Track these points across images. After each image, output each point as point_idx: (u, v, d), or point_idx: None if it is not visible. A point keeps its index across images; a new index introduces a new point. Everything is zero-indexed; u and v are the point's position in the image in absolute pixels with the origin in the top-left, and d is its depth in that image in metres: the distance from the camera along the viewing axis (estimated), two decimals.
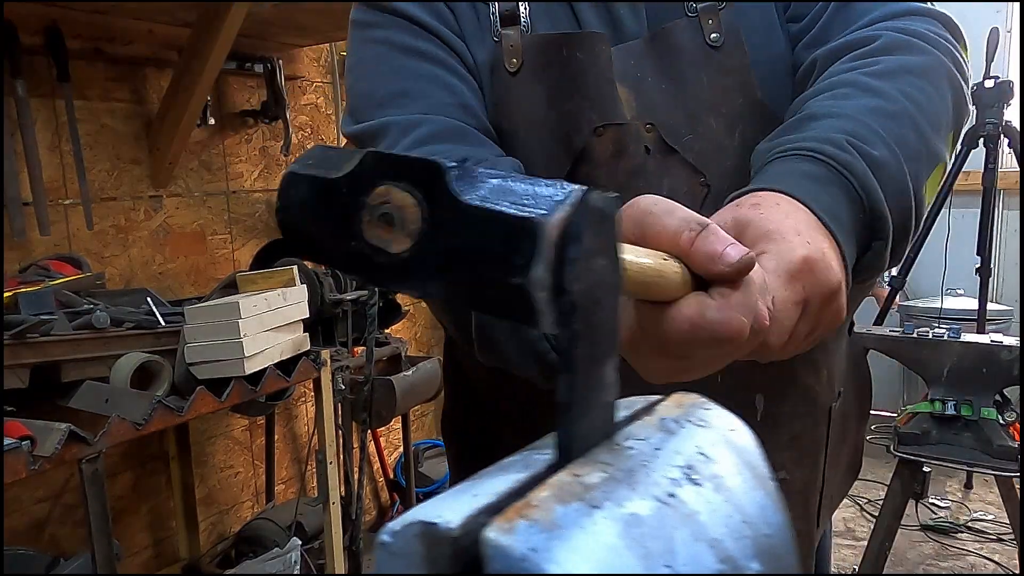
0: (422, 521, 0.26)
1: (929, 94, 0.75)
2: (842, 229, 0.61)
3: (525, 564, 0.24)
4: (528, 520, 0.25)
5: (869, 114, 0.70)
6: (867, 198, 0.65)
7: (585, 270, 0.28)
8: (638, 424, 0.32)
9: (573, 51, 0.85)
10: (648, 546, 0.26)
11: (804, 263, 0.55)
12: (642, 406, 0.35)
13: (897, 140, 0.69)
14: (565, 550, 0.24)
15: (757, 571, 0.28)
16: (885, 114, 0.70)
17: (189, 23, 2.34)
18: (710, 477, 0.30)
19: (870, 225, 0.66)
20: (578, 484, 0.27)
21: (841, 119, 0.69)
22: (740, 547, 0.28)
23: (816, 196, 0.62)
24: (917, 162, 0.69)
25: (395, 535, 0.26)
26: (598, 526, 0.25)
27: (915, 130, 0.71)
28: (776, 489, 0.32)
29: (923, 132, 0.72)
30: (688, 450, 0.31)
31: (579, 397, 0.29)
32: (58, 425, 1.58)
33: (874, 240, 0.66)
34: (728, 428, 0.33)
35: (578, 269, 0.27)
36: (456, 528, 0.25)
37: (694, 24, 0.85)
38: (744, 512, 0.29)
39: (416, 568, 0.26)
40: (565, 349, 0.28)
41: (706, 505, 0.28)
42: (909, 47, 0.78)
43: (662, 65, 0.85)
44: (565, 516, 0.25)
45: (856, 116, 0.70)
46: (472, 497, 0.27)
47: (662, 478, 0.28)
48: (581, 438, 0.29)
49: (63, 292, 1.95)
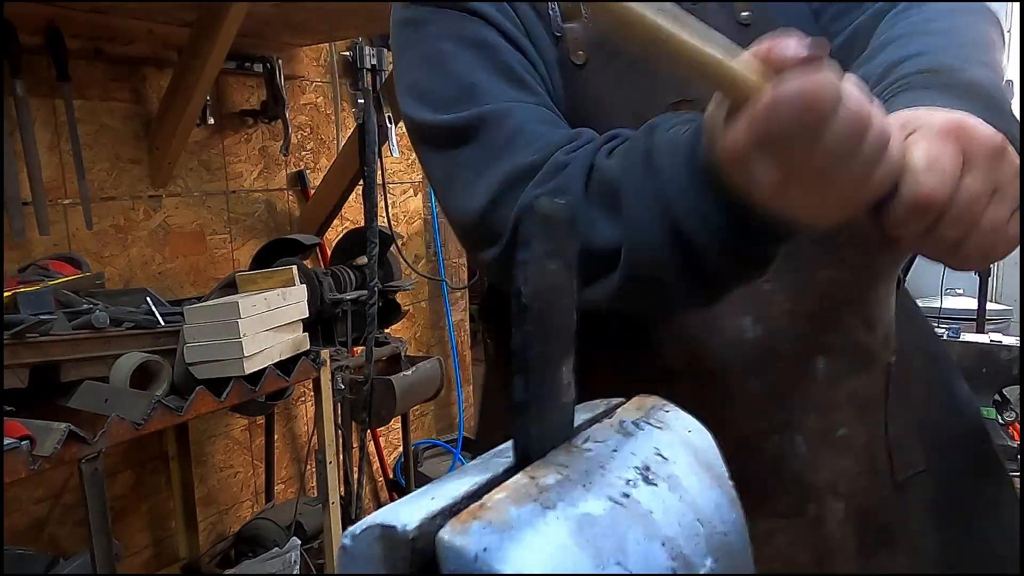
0: (381, 524, 0.27)
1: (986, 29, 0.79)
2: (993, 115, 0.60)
3: (478, 564, 0.25)
4: (481, 521, 0.26)
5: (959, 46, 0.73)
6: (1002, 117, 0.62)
7: (535, 274, 0.28)
8: (598, 426, 0.33)
9: None
10: (600, 545, 0.26)
11: (951, 123, 0.54)
12: (603, 408, 0.35)
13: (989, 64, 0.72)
14: (517, 549, 0.25)
15: (711, 568, 0.29)
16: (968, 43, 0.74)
17: (189, 23, 2.34)
18: (666, 477, 0.30)
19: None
20: (533, 486, 0.28)
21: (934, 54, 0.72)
22: (693, 545, 0.29)
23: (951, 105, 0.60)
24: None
25: (355, 538, 0.27)
26: (550, 526, 0.26)
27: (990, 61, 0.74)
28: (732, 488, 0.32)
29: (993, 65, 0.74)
30: (645, 451, 0.31)
31: (534, 398, 0.29)
32: (58, 425, 1.59)
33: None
34: (686, 429, 0.34)
35: (528, 272, 0.28)
36: (413, 530, 0.26)
37: (726, 4, 0.88)
38: (699, 510, 0.30)
39: (375, 569, 0.27)
40: (519, 350, 0.29)
41: (660, 504, 0.29)
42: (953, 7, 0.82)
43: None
44: (518, 517, 0.26)
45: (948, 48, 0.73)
46: (430, 500, 0.28)
47: (617, 479, 0.29)
48: (538, 439, 0.30)
49: (62, 292, 1.95)
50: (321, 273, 2.52)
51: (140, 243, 2.55)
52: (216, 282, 2.45)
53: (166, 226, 2.63)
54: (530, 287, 0.28)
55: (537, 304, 0.28)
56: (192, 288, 2.70)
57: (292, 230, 3.06)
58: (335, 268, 2.68)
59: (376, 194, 2.75)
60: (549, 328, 0.29)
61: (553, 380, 0.30)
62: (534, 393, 0.29)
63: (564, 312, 0.30)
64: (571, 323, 0.30)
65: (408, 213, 3.68)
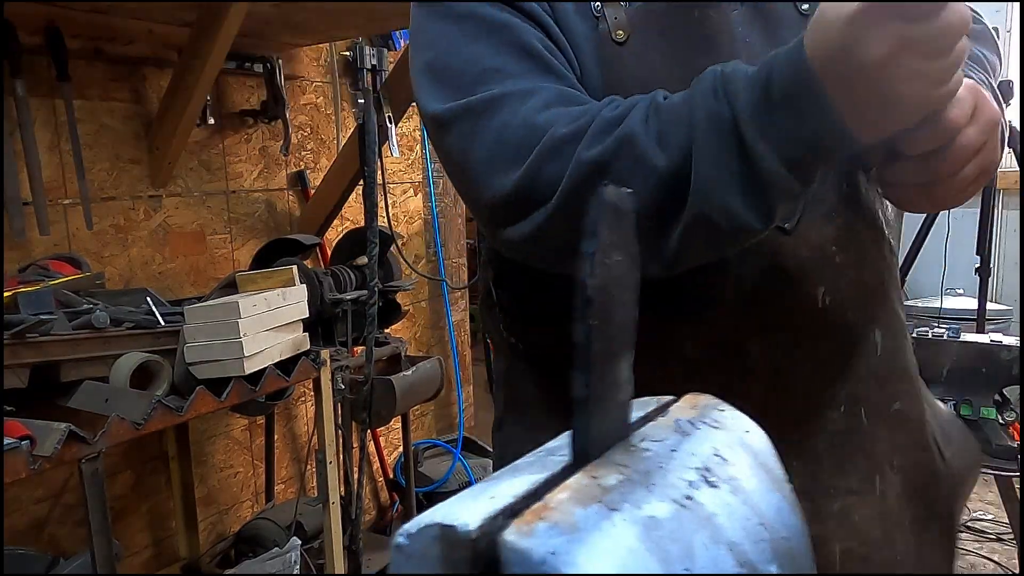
0: (440, 523, 0.26)
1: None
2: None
3: (545, 567, 0.24)
4: (547, 522, 0.25)
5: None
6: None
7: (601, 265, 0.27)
8: (653, 425, 0.32)
9: (705, 11, 0.87)
10: (667, 549, 0.25)
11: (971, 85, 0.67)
12: (655, 407, 0.34)
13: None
14: (585, 553, 0.24)
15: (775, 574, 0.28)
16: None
17: (189, 23, 2.33)
18: (727, 479, 0.29)
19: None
20: (596, 486, 0.27)
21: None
22: (758, 550, 0.28)
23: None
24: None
25: (411, 537, 0.26)
26: (617, 528, 0.25)
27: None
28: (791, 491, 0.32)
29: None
30: (704, 452, 0.31)
31: (595, 395, 0.29)
32: (58, 425, 1.58)
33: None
34: (743, 429, 0.33)
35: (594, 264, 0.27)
36: (474, 530, 0.25)
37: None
38: (761, 514, 0.29)
39: (435, 569, 0.26)
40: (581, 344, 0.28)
41: (724, 507, 0.28)
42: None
43: (767, 31, 0.88)
44: (584, 518, 0.25)
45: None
46: (489, 499, 0.27)
47: (679, 480, 0.28)
48: (597, 438, 0.29)
49: (63, 292, 1.94)
50: (321, 273, 2.51)
51: (140, 243, 2.54)
52: (216, 282, 2.44)
53: (166, 226, 2.62)
54: (596, 279, 0.27)
55: (602, 297, 0.27)
56: (192, 288, 2.69)
57: (292, 230, 3.05)
58: (335, 268, 2.67)
59: (376, 194, 2.74)
60: (612, 323, 0.28)
61: (613, 377, 0.29)
62: (594, 390, 0.28)
63: (627, 307, 0.29)
64: (633, 318, 0.30)
65: (408, 213, 3.68)
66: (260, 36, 2.65)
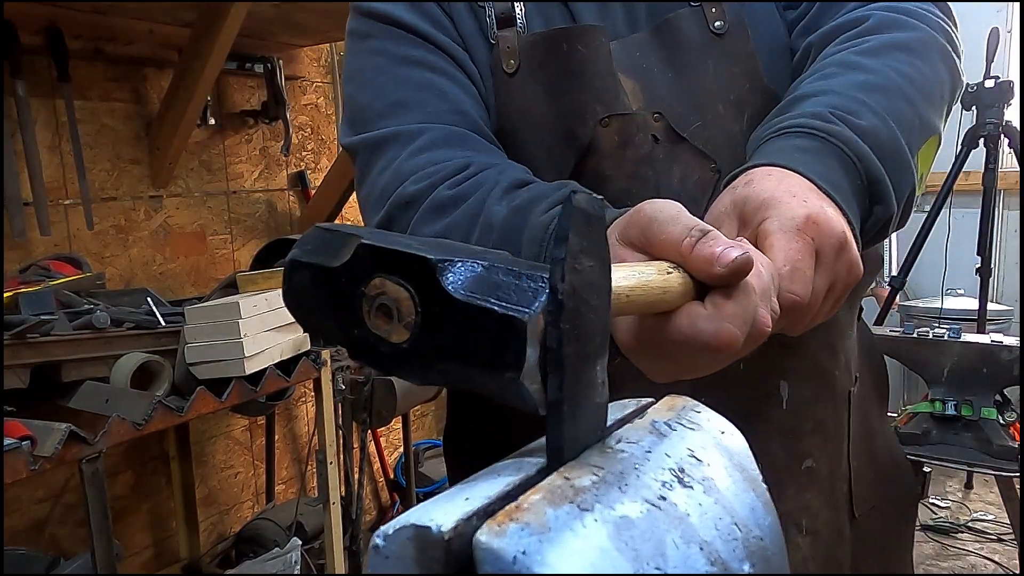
0: (414, 524, 0.26)
1: (919, 68, 0.76)
2: (840, 192, 0.63)
3: (516, 566, 0.24)
4: (519, 523, 0.25)
5: (856, 88, 0.72)
6: (861, 163, 0.67)
7: (572, 270, 0.28)
8: (629, 427, 0.32)
9: (574, 45, 0.85)
10: (639, 548, 0.26)
11: (807, 218, 0.57)
12: (633, 409, 0.35)
13: (886, 110, 0.71)
14: (555, 552, 0.25)
15: (748, 573, 0.29)
16: (872, 87, 0.72)
17: (189, 23, 2.34)
18: (701, 479, 0.30)
19: (868, 190, 0.67)
20: (569, 487, 0.27)
21: (828, 95, 0.72)
22: (730, 549, 0.28)
23: (809, 165, 0.64)
24: (909, 132, 0.71)
25: (387, 538, 0.27)
26: (588, 529, 0.26)
27: (905, 101, 0.73)
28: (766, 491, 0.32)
29: (914, 103, 0.73)
30: (679, 453, 0.31)
31: (568, 397, 0.29)
32: (58, 425, 1.58)
33: (875, 205, 0.68)
34: (719, 430, 0.33)
35: (565, 269, 0.27)
36: (448, 531, 0.26)
37: (698, 13, 0.86)
38: (735, 514, 0.30)
39: (409, 569, 0.26)
40: (554, 348, 0.28)
41: (697, 508, 0.28)
42: (899, 24, 0.80)
43: (668, 56, 0.86)
44: (556, 519, 0.26)
45: (843, 91, 0.72)
46: (464, 500, 0.27)
47: (653, 481, 0.29)
48: (572, 440, 0.29)
49: (63, 292, 1.95)
50: None
51: (141, 243, 2.54)
52: (217, 282, 2.45)
53: (167, 226, 2.63)
54: (567, 284, 0.27)
55: (573, 302, 0.28)
56: (193, 288, 2.69)
57: (293, 230, 3.06)
58: None
59: None
60: (584, 326, 0.29)
61: (588, 380, 0.30)
62: (568, 392, 0.29)
63: (599, 310, 0.30)
64: (606, 321, 0.30)
65: None
66: (261, 36, 2.66)
